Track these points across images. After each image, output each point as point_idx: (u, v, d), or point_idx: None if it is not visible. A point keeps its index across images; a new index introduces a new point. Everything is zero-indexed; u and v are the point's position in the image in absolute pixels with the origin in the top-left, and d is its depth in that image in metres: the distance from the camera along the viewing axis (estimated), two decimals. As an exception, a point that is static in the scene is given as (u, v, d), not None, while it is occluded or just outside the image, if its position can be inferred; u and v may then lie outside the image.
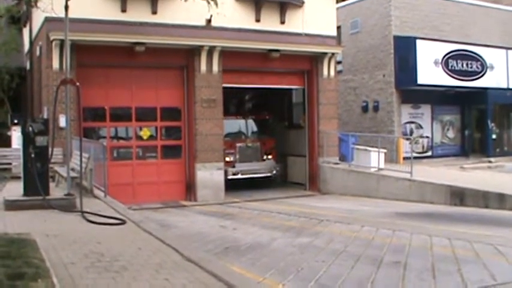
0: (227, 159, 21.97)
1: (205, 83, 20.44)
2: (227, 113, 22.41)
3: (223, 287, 6.51)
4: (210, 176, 20.48)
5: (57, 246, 8.43)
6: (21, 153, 12.61)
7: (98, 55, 18.74)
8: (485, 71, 27.58)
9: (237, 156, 22.81)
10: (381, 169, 21.00)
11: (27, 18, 22.93)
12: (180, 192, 20.67)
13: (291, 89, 25.59)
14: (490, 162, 26.62)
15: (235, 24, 21.06)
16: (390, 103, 26.39)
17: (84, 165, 13.51)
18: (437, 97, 27.60)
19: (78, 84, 13.10)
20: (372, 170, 21.10)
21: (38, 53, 20.48)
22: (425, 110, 27.94)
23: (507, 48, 28.59)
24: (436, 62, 25.98)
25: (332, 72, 22.95)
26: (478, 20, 28.98)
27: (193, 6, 13.43)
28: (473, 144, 29.60)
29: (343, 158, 22.73)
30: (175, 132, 20.98)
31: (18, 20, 25.45)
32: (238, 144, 22.97)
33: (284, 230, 13.38)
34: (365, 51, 27.62)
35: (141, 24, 19.56)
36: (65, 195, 12.50)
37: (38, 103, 21.04)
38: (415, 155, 21.85)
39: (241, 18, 21.33)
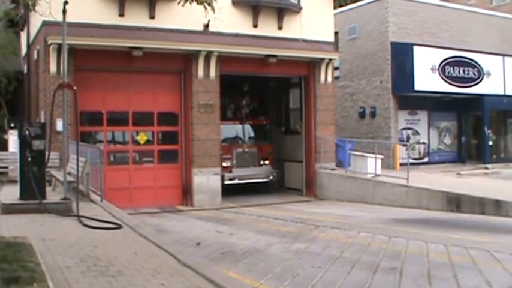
0: (224, 164, 21.96)
1: (202, 88, 20.44)
2: (224, 118, 22.43)
3: (219, 292, 6.52)
4: (206, 181, 20.45)
5: (53, 250, 8.42)
6: (17, 157, 12.60)
7: (95, 59, 18.72)
8: (482, 78, 27.64)
9: (234, 162, 22.81)
10: (378, 175, 21.01)
11: (25, 21, 22.92)
12: (177, 197, 20.63)
13: (288, 95, 25.71)
14: (486, 168, 26.66)
15: (232, 30, 21.08)
16: (387, 109, 26.42)
17: (80, 169, 13.50)
18: (434, 103, 27.65)
19: (75, 88, 13.10)
20: (369, 176, 21.11)
21: (35, 56, 20.46)
22: (422, 116, 27.97)
23: (504, 55, 28.65)
24: (433, 69, 26.03)
25: (329, 78, 22.96)
26: (475, 27, 29.06)
27: (191, 11, 13.38)
28: (470, 151, 29.63)
29: (339, 164, 22.72)
30: (172, 137, 20.95)
31: (16, 23, 25.44)
32: (235, 150, 22.98)
33: (280, 235, 13.38)
34: (362, 57, 27.66)
35: (139, 28, 19.57)
36: (62, 199, 12.51)
37: (35, 107, 21.03)
38: (411, 161, 21.86)
39: (239, 23, 21.35)
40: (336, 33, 24.71)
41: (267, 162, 23.70)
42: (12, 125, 19.62)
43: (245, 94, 25.88)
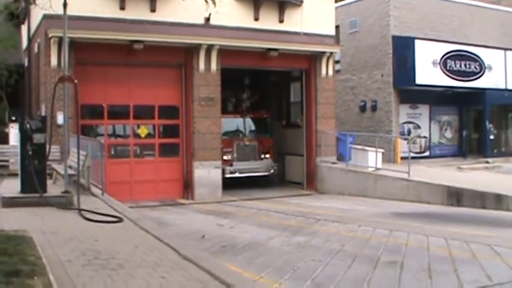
0: (225, 157, 21.95)
1: (203, 82, 20.43)
2: (225, 111, 22.42)
3: (220, 285, 6.52)
4: (207, 174, 20.46)
5: (54, 243, 8.43)
6: (18, 150, 12.60)
7: (96, 53, 18.71)
8: (484, 72, 27.60)
9: (235, 155, 22.81)
10: (379, 169, 21.00)
11: (25, 15, 22.89)
12: (178, 191, 20.66)
13: (289, 88, 25.72)
14: (487, 162, 26.64)
15: (234, 23, 21.04)
16: (388, 103, 26.40)
17: (81, 162, 13.51)
18: (435, 97, 27.61)
19: (76, 81, 13.09)
20: (370, 169, 21.10)
21: (36, 50, 20.45)
22: (423, 110, 27.95)
23: (505, 49, 28.61)
24: (434, 62, 25.99)
25: (330, 72, 22.94)
26: (477, 21, 28.99)
27: (192, 5, 13.42)
28: (471, 145, 29.61)
29: (340, 158, 22.72)
30: (173, 131, 20.95)
31: (17, 16, 25.41)
32: (236, 143, 22.97)
33: (281, 229, 13.40)
34: (363, 51, 27.62)
35: (140, 22, 19.53)
36: (62, 192, 12.51)
37: (36, 100, 21.02)
38: (412, 155, 21.85)
39: (240, 16, 21.32)
40: (337, 27, 24.70)
41: (267, 155, 23.70)
42: (13, 118, 19.63)
43: (246, 87, 25.86)
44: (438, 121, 28.69)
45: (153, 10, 19.74)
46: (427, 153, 27.82)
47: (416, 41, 25.73)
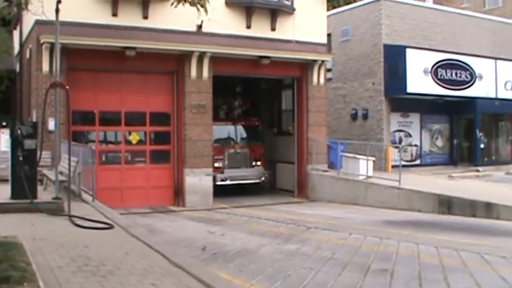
0: (216, 165, 21.94)
1: (195, 89, 20.43)
2: (217, 118, 22.42)
3: (210, 292, 6.52)
4: (198, 181, 20.44)
5: (44, 249, 8.40)
6: (9, 156, 12.56)
7: (88, 59, 18.69)
8: (474, 81, 27.71)
9: (226, 162, 22.81)
10: (370, 177, 21.05)
11: (17, 20, 22.85)
12: (169, 198, 20.61)
13: (280, 96, 25.76)
14: (478, 171, 26.71)
15: (226, 30, 21.06)
16: (379, 111, 26.46)
17: (72, 169, 13.47)
18: (426, 106, 27.71)
19: (67, 87, 13.07)
20: (361, 177, 21.14)
21: (28, 55, 20.41)
22: (415, 118, 28.03)
23: (496, 58, 28.74)
24: (425, 71, 26.08)
25: (322, 80, 23.00)
26: (468, 30, 29.15)
27: (184, 12, 13.40)
28: (462, 153, 29.70)
29: (331, 166, 22.74)
30: (165, 137, 20.92)
31: (9, 22, 25.36)
32: (227, 150, 22.97)
33: (272, 236, 13.39)
34: (355, 59, 27.69)
35: (132, 28, 19.53)
36: (53, 198, 12.47)
37: (27, 106, 20.96)
38: (403, 163, 21.90)
39: (232, 24, 21.35)
40: (328, 35, 24.74)
41: (259, 163, 23.70)
42: (4, 124, 19.53)
43: (238, 95, 25.90)
44: (429, 129, 28.77)
45: (145, 17, 19.74)
46: (418, 162, 27.89)
47: (408, 50, 25.82)
